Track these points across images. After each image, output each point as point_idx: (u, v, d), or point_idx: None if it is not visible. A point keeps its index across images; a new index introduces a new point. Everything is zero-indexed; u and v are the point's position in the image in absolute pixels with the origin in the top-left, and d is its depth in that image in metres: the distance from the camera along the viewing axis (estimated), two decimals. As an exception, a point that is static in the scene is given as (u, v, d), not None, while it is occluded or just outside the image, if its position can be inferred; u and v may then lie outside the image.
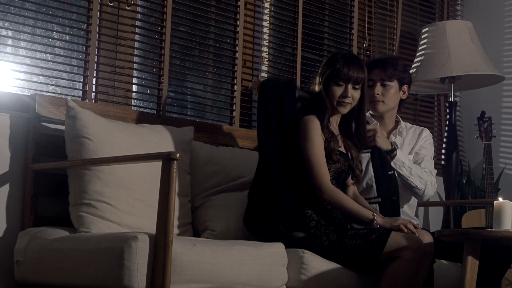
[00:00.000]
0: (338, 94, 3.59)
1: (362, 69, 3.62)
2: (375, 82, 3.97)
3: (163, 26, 4.20)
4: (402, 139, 4.11)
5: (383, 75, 3.97)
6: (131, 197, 3.38)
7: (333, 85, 3.59)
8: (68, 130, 3.39)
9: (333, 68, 3.58)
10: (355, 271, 3.43)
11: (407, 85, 4.07)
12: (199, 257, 2.97)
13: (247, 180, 3.90)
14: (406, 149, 4.10)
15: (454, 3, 5.96)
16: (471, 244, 3.36)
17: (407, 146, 4.12)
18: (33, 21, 3.79)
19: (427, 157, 4.13)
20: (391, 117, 4.10)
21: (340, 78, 3.57)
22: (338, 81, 3.58)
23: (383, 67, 3.97)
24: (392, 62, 4.00)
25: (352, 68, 3.57)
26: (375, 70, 3.98)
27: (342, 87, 3.59)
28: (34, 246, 3.22)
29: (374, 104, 4.01)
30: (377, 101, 3.99)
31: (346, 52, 3.73)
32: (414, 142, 4.14)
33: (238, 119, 4.49)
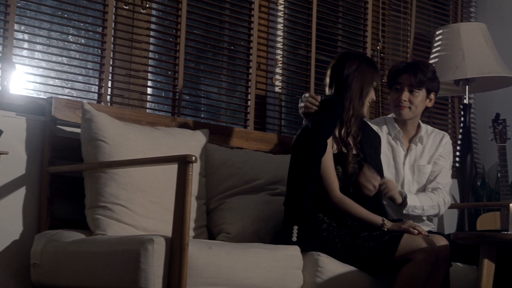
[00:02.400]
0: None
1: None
2: (403, 87, 3.96)
3: (178, 29, 4.21)
4: (423, 146, 4.10)
5: (412, 81, 3.95)
6: (146, 200, 3.39)
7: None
8: (84, 133, 3.41)
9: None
10: (369, 273, 3.43)
11: (434, 93, 4.05)
12: (215, 259, 2.97)
13: (262, 182, 3.91)
14: (425, 157, 4.10)
15: (468, 5, 5.95)
16: (487, 247, 3.35)
17: (427, 153, 4.11)
18: (49, 24, 3.80)
19: (444, 169, 4.13)
20: (413, 124, 4.09)
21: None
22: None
23: (414, 73, 3.95)
24: (422, 68, 3.97)
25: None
26: (404, 74, 3.97)
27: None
28: (50, 249, 3.24)
29: (399, 109, 3.99)
30: (403, 107, 3.97)
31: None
32: (434, 149, 4.12)
33: (252, 122, 4.50)
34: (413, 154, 4.08)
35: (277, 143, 4.35)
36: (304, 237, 3.38)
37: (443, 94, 5.36)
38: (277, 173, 4.00)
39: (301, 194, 3.44)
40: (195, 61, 4.38)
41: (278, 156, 4.19)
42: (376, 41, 5.27)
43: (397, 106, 3.98)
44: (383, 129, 4.08)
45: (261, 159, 4.05)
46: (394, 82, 3.99)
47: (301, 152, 3.50)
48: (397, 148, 4.05)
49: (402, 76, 3.97)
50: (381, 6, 5.32)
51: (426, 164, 4.09)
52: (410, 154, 4.07)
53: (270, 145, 4.32)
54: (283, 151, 4.35)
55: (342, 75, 3.63)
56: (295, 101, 4.84)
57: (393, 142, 4.05)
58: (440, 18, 5.80)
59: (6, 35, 3.58)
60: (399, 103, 3.97)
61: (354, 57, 3.67)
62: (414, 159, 4.08)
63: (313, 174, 3.45)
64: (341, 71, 3.64)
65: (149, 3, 4.12)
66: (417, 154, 4.09)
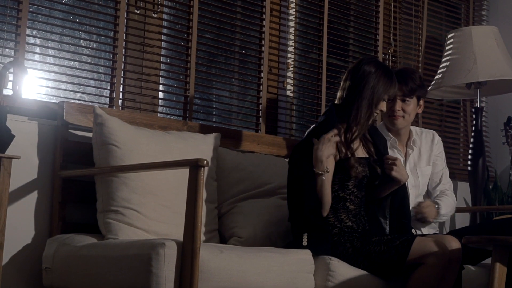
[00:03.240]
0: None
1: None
2: (395, 97, 3.96)
3: (189, 33, 4.22)
4: (418, 148, 4.11)
5: (404, 90, 3.95)
6: (158, 204, 3.39)
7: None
8: (96, 137, 3.41)
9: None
10: (381, 277, 3.42)
11: (423, 100, 4.08)
12: (227, 264, 2.97)
13: (273, 186, 3.91)
14: (424, 159, 4.12)
15: (480, 8, 5.94)
16: (499, 250, 3.34)
17: (424, 155, 4.14)
18: (61, 29, 3.82)
19: (445, 169, 4.19)
20: (406, 130, 4.11)
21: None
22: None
23: (405, 82, 3.94)
24: (411, 76, 3.97)
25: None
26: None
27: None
28: (62, 253, 3.25)
29: (393, 119, 4.00)
30: (398, 116, 3.99)
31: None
32: (430, 149, 4.16)
33: (264, 126, 4.50)
34: (412, 159, 4.10)
35: (289, 147, 4.35)
36: (315, 242, 3.38)
37: (455, 98, 5.35)
38: (289, 177, 4.00)
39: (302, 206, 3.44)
40: (206, 65, 4.38)
41: (290, 160, 4.19)
42: (388, 45, 5.26)
43: (391, 116, 4.00)
44: None
45: (273, 163, 4.05)
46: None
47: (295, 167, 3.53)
48: (395, 155, 4.05)
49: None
50: (393, 10, 5.31)
51: (426, 165, 4.11)
52: (409, 159, 4.09)
53: (282, 149, 4.32)
54: (295, 155, 4.35)
55: (355, 80, 3.60)
56: (307, 105, 4.84)
57: (389, 150, 4.05)
58: (452, 21, 5.79)
59: (18, 40, 3.59)
60: (393, 113, 3.98)
61: (372, 64, 3.62)
62: (414, 163, 4.10)
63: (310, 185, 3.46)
64: (355, 76, 3.60)
65: (161, 7, 4.13)
66: (415, 158, 4.12)
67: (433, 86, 5.12)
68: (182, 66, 4.22)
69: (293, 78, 4.73)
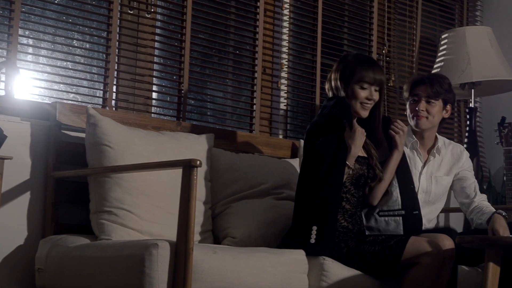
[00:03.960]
0: (363, 97, 3.58)
1: (382, 71, 3.65)
2: (420, 98, 3.96)
3: (183, 34, 4.21)
4: (441, 158, 4.10)
5: (429, 92, 3.96)
6: (151, 205, 3.38)
7: (358, 89, 3.58)
8: (89, 138, 3.41)
9: (358, 71, 3.58)
10: (375, 277, 3.42)
11: (450, 105, 4.05)
12: (220, 264, 2.96)
13: (267, 187, 3.90)
14: (443, 169, 4.10)
15: (474, 8, 5.94)
16: (493, 250, 3.34)
17: (445, 165, 4.12)
18: (54, 29, 3.81)
19: (476, 182, 4.21)
20: (431, 135, 4.08)
21: (365, 81, 3.57)
22: (363, 85, 3.57)
23: (430, 84, 3.96)
24: (439, 80, 3.99)
25: (376, 70, 3.59)
26: (421, 86, 3.97)
27: (367, 90, 3.58)
28: (55, 254, 3.24)
29: (417, 119, 3.99)
30: (421, 116, 3.98)
31: (361, 55, 3.73)
32: (453, 162, 4.14)
33: (258, 126, 4.49)
34: (431, 165, 4.09)
35: (283, 147, 4.35)
36: (323, 239, 3.35)
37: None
38: (283, 177, 4.00)
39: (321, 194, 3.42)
40: (200, 66, 4.38)
41: (284, 160, 4.19)
42: (382, 45, 5.26)
43: (414, 116, 3.99)
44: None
45: (267, 163, 4.04)
46: (412, 94, 4.00)
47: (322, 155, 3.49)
48: (414, 157, 4.05)
49: (419, 88, 3.98)
50: (387, 10, 5.31)
51: (444, 175, 4.10)
52: (428, 165, 4.07)
53: (276, 149, 4.32)
54: (289, 155, 4.34)
55: (331, 80, 3.65)
56: (301, 105, 4.84)
57: (409, 152, 4.05)
58: (446, 21, 5.79)
59: (11, 40, 3.58)
60: (417, 113, 3.97)
61: (343, 59, 3.67)
62: (431, 171, 4.09)
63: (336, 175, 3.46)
64: (331, 76, 3.66)
65: (154, 7, 4.12)
66: (435, 166, 4.09)
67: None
68: (176, 66, 4.21)
69: (287, 78, 4.73)
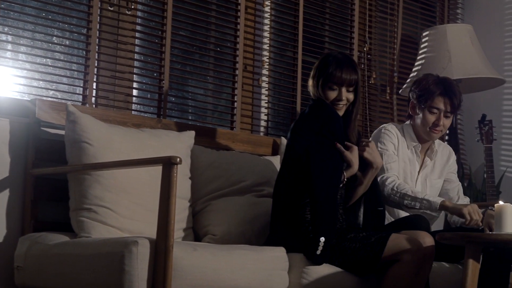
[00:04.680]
0: (332, 98, 3.56)
1: (355, 70, 3.57)
2: (440, 112, 3.94)
3: (164, 30, 4.19)
4: (433, 161, 4.11)
5: (448, 107, 3.94)
6: (131, 202, 3.37)
7: (327, 90, 3.56)
8: (68, 135, 3.39)
9: (326, 72, 3.54)
10: (356, 274, 3.42)
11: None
12: (200, 261, 2.96)
13: (248, 184, 3.90)
14: (436, 172, 4.13)
15: (455, 6, 5.96)
16: (472, 247, 3.35)
17: (438, 168, 4.16)
18: (33, 25, 3.78)
19: (459, 185, 4.23)
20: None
21: (333, 82, 3.55)
22: (331, 85, 3.56)
23: (450, 97, 3.93)
24: (455, 92, 3.95)
25: (344, 70, 3.54)
26: (440, 98, 3.93)
27: (336, 91, 3.57)
28: (34, 252, 3.22)
29: (433, 133, 3.98)
30: (439, 131, 3.98)
31: (337, 54, 3.63)
32: (443, 164, 4.18)
33: (239, 123, 4.49)
34: (426, 169, 4.10)
35: (264, 144, 4.35)
36: (327, 249, 3.32)
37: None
38: (264, 174, 3.99)
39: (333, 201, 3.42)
40: (181, 63, 4.36)
41: (265, 157, 4.19)
42: (363, 43, 5.27)
43: (431, 129, 3.97)
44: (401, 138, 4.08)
45: (248, 160, 4.04)
46: (430, 104, 3.95)
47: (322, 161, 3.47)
48: (414, 161, 4.06)
49: (439, 99, 3.94)
50: (368, 8, 5.32)
51: (437, 178, 4.12)
52: (424, 168, 4.08)
53: (257, 147, 4.31)
54: (270, 152, 4.34)
55: (310, 78, 3.65)
56: (282, 103, 4.83)
57: (411, 155, 4.05)
58: (427, 19, 5.81)
59: (-10, 37, 3.56)
60: (436, 127, 3.96)
61: (322, 57, 3.65)
62: (426, 173, 4.10)
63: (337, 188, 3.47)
64: (311, 73, 3.65)
65: (134, 4, 4.10)
66: (429, 169, 4.11)
67: (408, 84, 5.14)
68: (156, 63, 4.20)
69: (269, 76, 4.72)
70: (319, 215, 3.36)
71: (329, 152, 3.47)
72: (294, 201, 3.47)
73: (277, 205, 3.53)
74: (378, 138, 4.03)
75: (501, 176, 5.36)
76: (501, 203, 3.33)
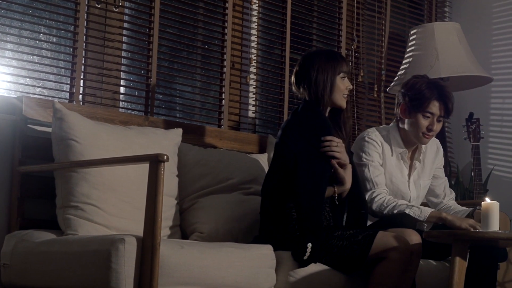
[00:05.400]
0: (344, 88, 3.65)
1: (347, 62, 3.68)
2: (433, 117, 3.91)
3: (151, 28, 4.19)
4: (423, 161, 4.10)
5: (442, 112, 3.92)
6: (118, 200, 3.36)
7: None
8: (55, 132, 3.38)
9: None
10: (343, 272, 3.42)
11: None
12: (187, 259, 2.95)
13: (235, 182, 3.90)
14: (427, 172, 4.12)
15: (442, 4, 5.97)
16: (459, 245, 3.36)
17: (428, 168, 4.14)
18: (20, 22, 3.77)
19: (446, 180, 4.23)
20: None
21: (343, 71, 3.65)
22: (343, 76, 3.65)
23: (445, 102, 3.90)
24: (450, 97, 3.91)
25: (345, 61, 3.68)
26: (435, 102, 3.89)
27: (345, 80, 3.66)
28: (20, 249, 3.21)
29: (425, 137, 3.94)
30: (431, 136, 3.96)
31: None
32: (432, 162, 4.16)
33: (226, 121, 4.48)
34: (417, 172, 4.08)
35: (251, 142, 4.35)
36: (315, 254, 3.33)
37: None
38: (251, 172, 3.99)
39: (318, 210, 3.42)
40: (168, 60, 4.36)
41: (252, 155, 4.19)
42: (351, 41, 5.27)
43: (424, 134, 3.94)
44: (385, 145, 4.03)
45: (235, 158, 4.04)
46: (425, 109, 3.90)
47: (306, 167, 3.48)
48: (401, 166, 4.03)
49: (434, 104, 3.90)
50: (356, 6, 5.32)
51: (428, 179, 4.12)
52: (414, 172, 4.07)
53: (244, 145, 4.31)
54: (257, 150, 4.34)
55: (308, 79, 3.62)
56: (270, 100, 4.83)
57: (397, 161, 4.02)
58: (415, 17, 5.82)
59: (-24, 34, 3.55)
60: (429, 132, 3.93)
61: (313, 57, 3.65)
62: (418, 176, 4.09)
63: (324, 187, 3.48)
64: (306, 76, 3.63)
65: (122, 1, 4.09)
66: (420, 170, 4.09)
67: (395, 82, 5.14)
68: (144, 61, 4.19)
69: (256, 73, 4.72)
70: (304, 224, 3.38)
71: (318, 162, 3.48)
72: (282, 199, 3.48)
73: (265, 203, 3.53)
74: (362, 148, 3.97)
75: (488, 174, 5.38)
76: (488, 201, 3.34)
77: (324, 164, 3.50)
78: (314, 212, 3.40)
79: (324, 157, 3.50)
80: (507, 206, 4.96)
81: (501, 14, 5.72)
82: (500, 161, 5.61)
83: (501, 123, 5.65)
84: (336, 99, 3.62)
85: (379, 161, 3.95)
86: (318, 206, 3.43)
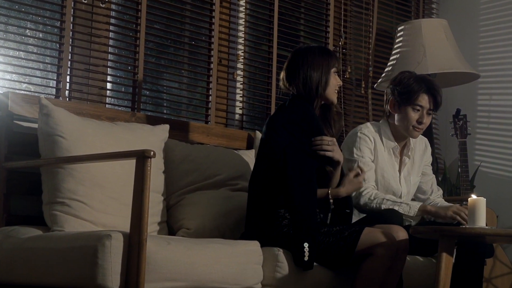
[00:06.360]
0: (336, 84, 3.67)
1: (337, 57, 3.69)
2: (423, 110, 3.93)
3: (138, 24, 4.17)
4: (412, 157, 4.10)
5: (431, 104, 3.94)
6: (105, 196, 3.35)
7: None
8: (42, 128, 3.36)
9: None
10: (329, 268, 3.42)
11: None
12: (174, 255, 2.95)
13: (222, 178, 3.89)
14: (416, 168, 4.13)
15: (430, 1, 5.98)
16: (446, 241, 3.37)
17: (417, 165, 4.16)
18: (6, 18, 3.75)
19: (434, 178, 4.25)
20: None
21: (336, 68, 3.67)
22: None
23: (434, 96, 3.92)
24: (438, 90, 3.94)
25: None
26: (424, 95, 3.92)
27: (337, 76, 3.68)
28: (6, 246, 3.19)
29: (416, 131, 3.97)
30: (421, 129, 3.97)
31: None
32: (421, 159, 4.18)
33: (213, 117, 4.48)
34: (407, 168, 4.09)
35: (239, 138, 4.34)
36: (312, 254, 3.33)
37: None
38: (238, 168, 3.99)
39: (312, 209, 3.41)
40: (155, 56, 4.35)
41: (239, 151, 4.18)
42: (338, 37, 5.27)
43: (415, 127, 3.96)
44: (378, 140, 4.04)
45: (222, 154, 4.03)
46: (414, 102, 3.92)
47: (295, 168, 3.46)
48: (392, 162, 4.04)
49: (423, 97, 3.92)
50: (343, 2, 5.32)
51: (417, 176, 4.14)
52: (405, 168, 4.08)
53: (231, 141, 4.31)
54: (245, 146, 4.34)
55: (302, 75, 3.61)
56: (257, 97, 4.83)
57: (388, 156, 4.03)
58: (402, 14, 5.82)
59: (-38, 29, 3.53)
60: (420, 125, 3.95)
61: (305, 53, 3.64)
62: (408, 172, 4.10)
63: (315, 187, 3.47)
64: (299, 72, 3.62)
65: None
66: (409, 167, 4.10)
67: (383, 78, 5.15)
68: (131, 57, 4.18)
69: (243, 69, 4.71)
70: (298, 222, 3.37)
71: (308, 160, 3.48)
72: (269, 195, 3.47)
73: (252, 199, 3.53)
74: (354, 143, 3.99)
75: (475, 171, 5.39)
76: (474, 197, 3.35)
77: (312, 162, 3.49)
78: (308, 211, 3.40)
79: (315, 156, 3.49)
80: (494, 202, 4.98)
81: (488, 11, 5.74)
82: (487, 157, 5.62)
83: (488, 120, 5.67)
84: (329, 95, 3.62)
85: (370, 157, 3.96)
86: (312, 205, 3.42)
